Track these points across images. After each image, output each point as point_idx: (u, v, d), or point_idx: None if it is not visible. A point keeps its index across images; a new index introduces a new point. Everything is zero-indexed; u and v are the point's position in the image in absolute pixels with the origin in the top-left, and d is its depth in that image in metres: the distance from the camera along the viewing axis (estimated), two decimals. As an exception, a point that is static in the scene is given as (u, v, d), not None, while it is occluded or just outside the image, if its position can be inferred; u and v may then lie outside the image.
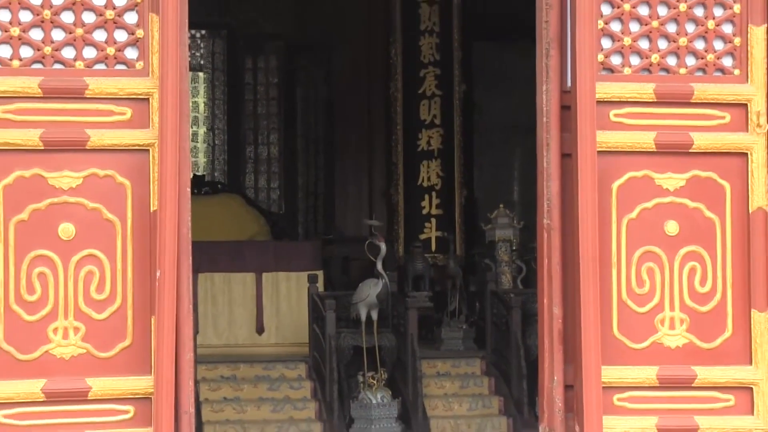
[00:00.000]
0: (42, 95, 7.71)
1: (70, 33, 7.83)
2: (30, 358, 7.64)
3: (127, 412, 7.73)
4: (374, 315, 10.84)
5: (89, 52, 7.79)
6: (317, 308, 12.00)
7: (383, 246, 11.19)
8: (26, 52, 7.73)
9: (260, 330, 12.38)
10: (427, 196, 14.07)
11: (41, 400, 7.59)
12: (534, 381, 10.17)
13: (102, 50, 7.82)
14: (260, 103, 16.35)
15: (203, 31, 14.75)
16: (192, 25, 8.36)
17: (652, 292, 8.10)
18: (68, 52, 7.76)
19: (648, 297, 8.09)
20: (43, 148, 7.72)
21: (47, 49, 7.76)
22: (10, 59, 7.67)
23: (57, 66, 7.81)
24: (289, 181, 16.67)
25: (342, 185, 16.19)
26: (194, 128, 14.01)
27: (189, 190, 8.08)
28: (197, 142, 14.99)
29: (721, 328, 8.12)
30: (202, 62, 15.22)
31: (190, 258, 7.98)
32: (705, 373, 8.00)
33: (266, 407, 11.00)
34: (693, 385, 8.00)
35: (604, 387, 7.90)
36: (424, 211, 14.06)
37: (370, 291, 10.95)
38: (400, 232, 13.84)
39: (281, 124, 16.58)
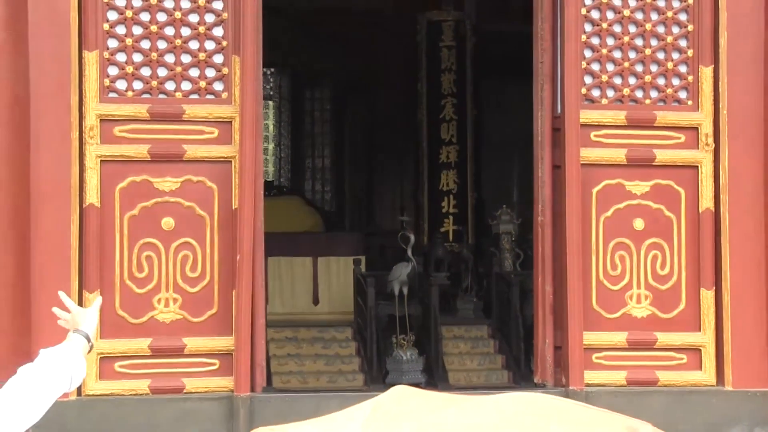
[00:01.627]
0: (149, 118, 7.86)
1: (171, 70, 7.95)
2: (139, 322, 7.82)
3: (213, 364, 7.90)
4: (405, 290, 10.83)
5: (186, 85, 7.93)
6: (360, 285, 11.99)
7: (412, 237, 11.20)
8: (138, 85, 7.87)
9: (315, 301, 12.52)
10: (446, 198, 14.14)
11: (148, 354, 7.82)
12: (529, 343, 9.95)
13: (196, 84, 7.95)
14: (316, 125, 16.40)
15: (272, 69, 14.76)
16: (264, 64, 8.46)
17: (623, 274, 8.20)
18: (170, 86, 7.90)
19: (620, 278, 8.21)
20: (150, 159, 7.87)
21: (154, 83, 7.88)
22: (126, 90, 7.80)
23: (161, 96, 7.94)
24: (338, 185, 16.75)
25: (379, 189, 16.22)
26: (265, 144, 13.94)
27: (262, 192, 8.23)
28: (268, 155, 14.96)
29: (676, 303, 8.23)
30: (271, 93, 15.16)
31: (263, 245, 8.14)
32: (664, 338, 8.14)
33: (320, 361, 11.08)
34: (654, 347, 8.15)
35: (585, 348, 8.02)
36: (444, 210, 14.16)
37: (401, 272, 10.93)
38: (425, 226, 14.00)
39: (332, 141, 16.69)
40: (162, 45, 7.90)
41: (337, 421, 2.32)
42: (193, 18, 7.92)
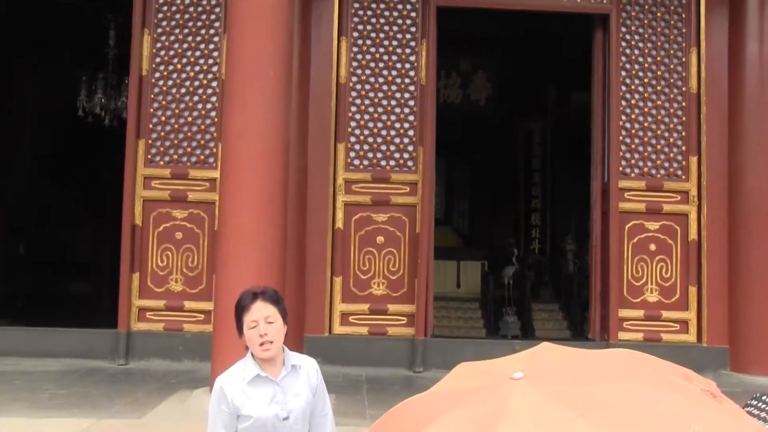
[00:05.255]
0: (371, 180, 10.51)
1: (384, 154, 10.53)
2: (363, 294, 10.42)
3: (403, 320, 10.43)
4: (510, 282, 12.53)
5: (392, 163, 10.57)
6: (484, 277, 13.75)
7: (516, 251, 13.17)
8: (365, 162, 10.53)
9: (458, 286, 14.14)
10: (534, 229, 16.41)
11: (367, 313, 10.45)
12: (582, 315, 11.90)
13: (396, 161, 10.51)
14: (457, 184, 17.70)
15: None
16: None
17: (642, 276, 10.57)
18: (383, 162, 10.56)
19: (640, 278, 10.56)
20: (371, 203, 10.51)
21: (374, 160, 10.54)
22: (359, 165, 10.52)
23: (378, 168, 10.52)
24: (471, 219, 17.82)
25: (496, 222, 17.46)
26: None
27: (432, 224, 10.61)
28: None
29: (674, 294, 10.60)
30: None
31: (432, 253, 10.54)
32: (666, 314, 10.51)
33: (460, 321, 12.53)
34: (660, 319, 10.52)
35: (619, 319, 10.38)
36: (533, 236, 16.40)
37: (508, 271, 12.72)
38: (522, 245, 15.53)
39: (468, 193, 17.86)
40: (379, 140, 10.52)
41: (511, 360, 2.17)
42: (397, 124, 10.54)
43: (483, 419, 1.90)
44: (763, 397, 3.01)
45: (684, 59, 10.68)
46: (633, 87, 10.66)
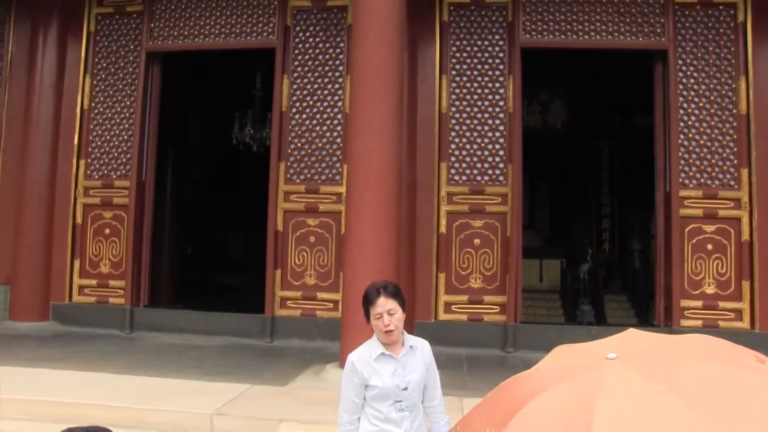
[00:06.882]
0: (469, 193, 10.38)
1: (479, 170, 10.39)
2: (462, 287, 10.28)
3: (496, 309, 10.26)
4: (586, 276, 12.30)
5: (486, 178, 10.44)
6: (563, 272, 13.79)
7: (590, 250, 12.94)
8: (464, 178, 10.42)
9: (541, 280, 14.15)
10: (605, 232, 16.09)
11: (466, 302, 10.27)
12: (648, 304, 11.59)
13: (489, 176, 10.39)
14: (538, 193, 17.27)
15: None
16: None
17: (700, 272, 10.12)
18: (478, 177, 10.42)
19: (699, 274, 10.12)
20: (468, 212, 10.36)
21: (471, 176, 10.43)
22: (458, 180, 10.39)
23: (474, 182, 10.41)
24: (552, 223, 17.36)
25: (573, 226, 16.83)
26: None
27: (520, 228, 10.40)
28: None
29: (729, 287, 10.10)
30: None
31: (521, 253, 10.40)
32: (722, 304, 10.03)
33: (543, 310, 12.61)
34: (717, 308, 10.03)
35: (681, 308, 10.04)
36: (604, 238, 16.03)
37: (584, 267, 12.53)
38: (594, 245, 15.16)
39: (549, 201, 17.52)
40: (475, 158, 10.40)
41: (604, 343, 2.04)
42: (489, 146, 10.39)
43: (583, 392, 1.83)
44: None
45: (734, 85, 10.29)
46: (690, 110, 10.31)
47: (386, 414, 3.38)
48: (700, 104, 10.34)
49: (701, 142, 10.33)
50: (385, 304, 3.40)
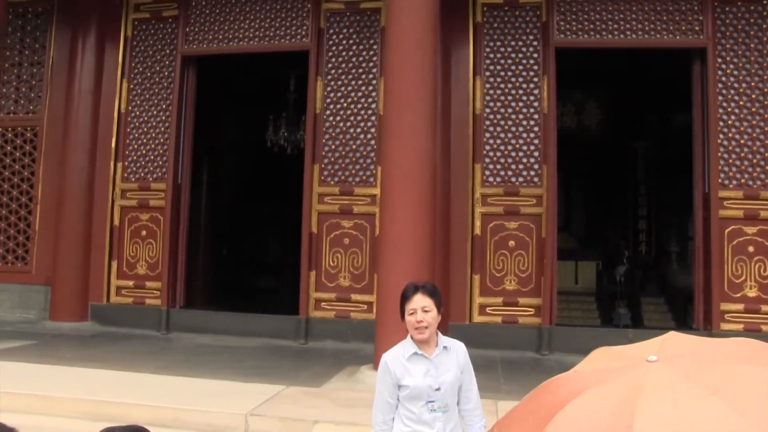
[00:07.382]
0: (503, 194, 10.30)
1: (513, 171, 10.30)
2: (497, 289, 10.18)
3: (531, 311, 10.19)
4: (622, 278, 12.17)
5: (520, 179, 10.28)
6: (599, 274, 13.68)
7: (626, 252, 12.89)
8: (498, 179, 10.24)
9: (576, 282, 13.95)
10: (641, 234, 15.94)
11: (501, 304, 10.23)
12: (685, 307, 11.42)
13: (524, 178, 10.32)
14: (573, 194, 17.29)
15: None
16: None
17: (741, 275, 9.90)
18: (513, 179, 10.30)
19: (740, 276, 9.90)
20: (503, 213, 10.23)
21: (505, 177, 10.27)
22: (493, 181, 10.33)
23: (509, 184, 10.19)
24: (587, 224, 17.24)
25: (609, 227, 16.76)
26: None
27: (555, 230, 10.32)
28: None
29: None
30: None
31: (556, 255, 10.28)
32: (764, 308, 9.79)
33: (578, 312, 12.47)
34: (759, 312, 9.78)
35: (721, 311, 9.83)
36: (640, 240, 15.88)
37: (620, 269, 12.41)
38: (630, 247, 15.06)
39: (582, 205, 17.36)
40: (509, 160, 10.24)
41: (645, 345, 2.00)
42: (524, 147, 10.27)
43: (624, 394, 1.80)
44: None
45: (777, 83, 9.95)
46: (729, 109, 10.10)
47: (419, 415, 3.36)
48: (741, 103, 10.13)
49: (742, 141, 10.12)
50: (420, 300, 3.42)
